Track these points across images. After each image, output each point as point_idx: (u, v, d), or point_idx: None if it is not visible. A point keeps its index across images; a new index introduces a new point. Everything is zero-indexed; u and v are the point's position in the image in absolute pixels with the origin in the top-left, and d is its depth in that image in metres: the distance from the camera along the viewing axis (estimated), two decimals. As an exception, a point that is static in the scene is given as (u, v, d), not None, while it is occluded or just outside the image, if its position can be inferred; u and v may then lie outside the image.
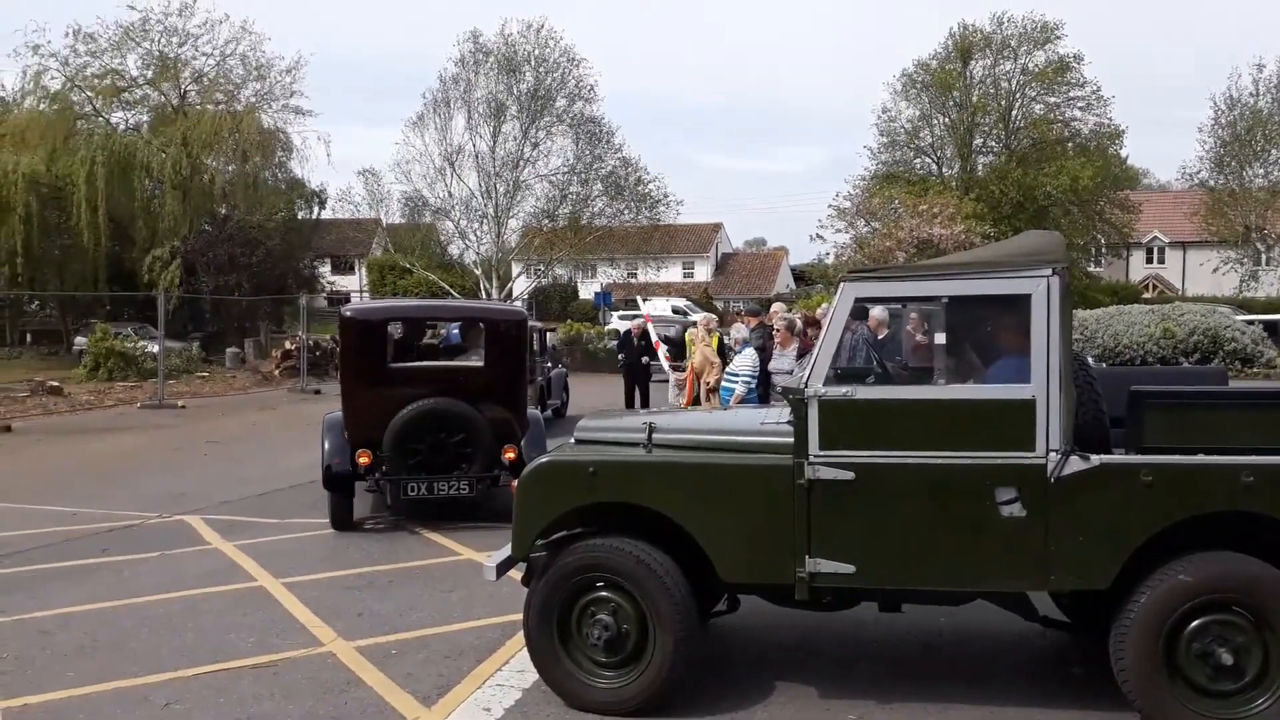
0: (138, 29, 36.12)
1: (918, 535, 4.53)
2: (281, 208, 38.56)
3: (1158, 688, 4.35)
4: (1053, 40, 42.00)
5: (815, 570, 4.60)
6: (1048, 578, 4.45)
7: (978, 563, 4.52)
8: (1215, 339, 26.68)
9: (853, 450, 4.54)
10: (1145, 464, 4.37)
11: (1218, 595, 4.30)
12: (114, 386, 24.11)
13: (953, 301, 4.73)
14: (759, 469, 4.72)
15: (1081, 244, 44.37)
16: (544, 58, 37.06)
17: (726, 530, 4.71)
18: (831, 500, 4.54)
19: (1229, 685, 4.34)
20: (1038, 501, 4.36)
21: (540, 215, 38.51)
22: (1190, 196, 46.10)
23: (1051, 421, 4.36)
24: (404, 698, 5.09)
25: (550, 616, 4.86)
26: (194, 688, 5.28)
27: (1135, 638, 4.35)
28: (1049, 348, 4.37)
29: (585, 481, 4.85)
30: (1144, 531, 4.34)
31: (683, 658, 4.71)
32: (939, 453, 4.47)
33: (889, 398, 4.74)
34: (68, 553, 8.30)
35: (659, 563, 4.71)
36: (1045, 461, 4.36)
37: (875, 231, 32.21)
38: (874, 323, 11.53)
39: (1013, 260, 4.64)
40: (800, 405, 4.59)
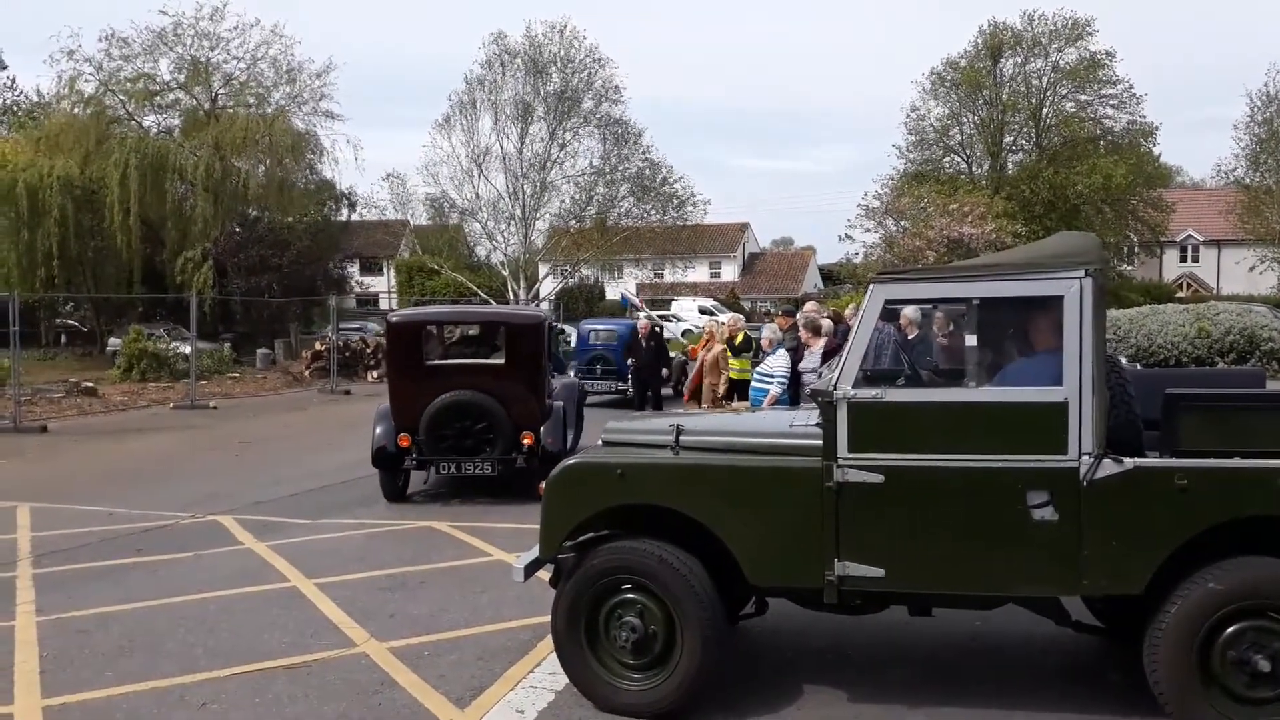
0: (170, 33, 36.50)
1: (948, 539, 4.49)
2: (311, 210, 38.84)
3: (1192, 696, 4.28)
4: (1084, 37, 41.61)
5: (844, 574, 4.57)
6: (1080, 582, 4.40)
7: (1009, 567, 4.47)
8: (1252, 339, 26.31)
9: (882, 453, 4.51)
10: (1180, 467, 4.30)
11: (1253, 601, 4.23)
12: (147, 387, 24.36)
13: (984, 303, 4.66)
14: (787, 471, 4.69)
15: (1114, 243, 43.89)
16: (570, 58, 37.12)
17: (754, 533, 4.69)
18: (861, 503, 4.52)
19: (1267, 693, 4.24)
20: (1070, 505, 4.32)
21: (567, 216, 38.57)
22: (1225, 194, 45.48)
23: (1084, 424, 4.31)
24: (437, 699, 5.11)
25: (578, 618, 4.87)
26: (230, 688, 5.33)
27: (1169, 645, 4.28)
28: (1082, 350, 4.32)
29: (613, 483, 4.86)
30: (1178, 536, 4.28)
31: (710, 660, 4.70)
32: (970, 456, 4.43)
33: (919, 400, 4.69)
34: (104, 553, 8.40)
35: (685, 565, 4.70)
36: (1078, 465, 4.31)
37: (905, 231, 31.97)
38: (904, 322, 11.44)
39: (1046, 262, 4.60)
40: (829, 408, 4.57)
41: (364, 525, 9.32)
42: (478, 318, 13.52)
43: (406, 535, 8.97)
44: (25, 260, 32.93)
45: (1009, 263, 4.88)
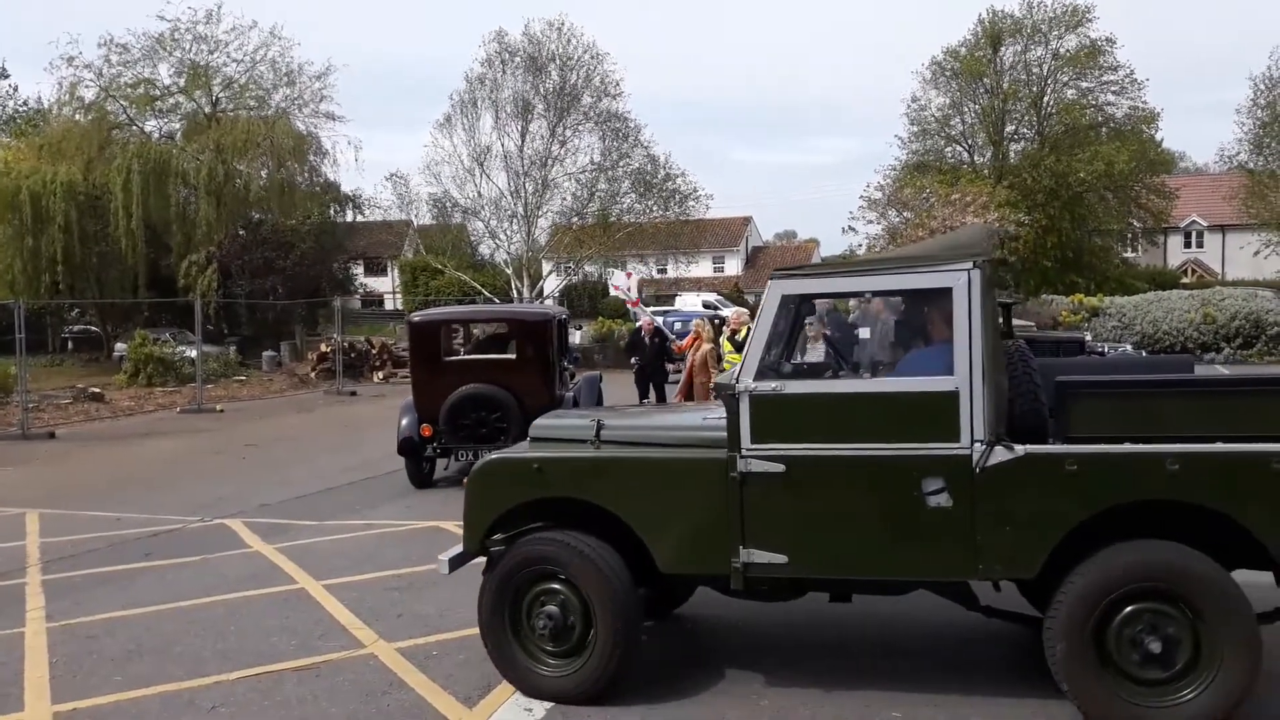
0: (168, 38, 36.58)
1: (847, 526, 4.62)
2: (314, 211, 38.89)
3: (1088, 676, 4.35)
4: (1084, 24, 41.38)
5: (749, 561, 4.70)
6: (975, 567, 4.49)
7: (906, 552, 4.57)
8: (1257, 323, 26.27)
9: (783, 443, 4.63)
10: (1069, 453, 4.37)
11: (1147, 584, 4.29)
12: (153, 392, 24.42)
13: (888, 293, 4.78)
14: (694, 463, 4.83)
15: (1118, 230, 43.76)
16: (569, 55, 37.08)
17: (665, 523, 4.84)
18: (763, 492, 4.64)
19: (1159, 674, 4.31)
20: (964, 491, 4.41)
21: (569, 213, 38.55)
22: (1229, 179, 45.32)
23: (975, 412, 4.40)
24: (446, 699, 5.12)
25: (502, 608, 5.03)
26: (239, 691, 5.34)
27: (1065, 626, 4.35)
28: (971, 340, 4.42)
29: (530, 478, 5.05)
30: (1070, 521, 4.34)
31: (624, 648, 4.84)
32: (867, 444, 4.54)
33: (817, 391, 4.77)
34: (112, 558, 8.42)
35: (601, 555, 4.85)
36: (970, 452, 4.40)
37: (908, 221, 31.89)
38: None
39: (935, 255, 4.73)
40: (732, 400, 4.69)
41: (371, 526, 9.34)
42: (491, 316, 14.53)
43: (414, 536, 8.98)
44: (30, 267, 33.05)
45: (901, 256, 5.00)
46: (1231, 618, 4.23)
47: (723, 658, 5.56)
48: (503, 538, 5.12)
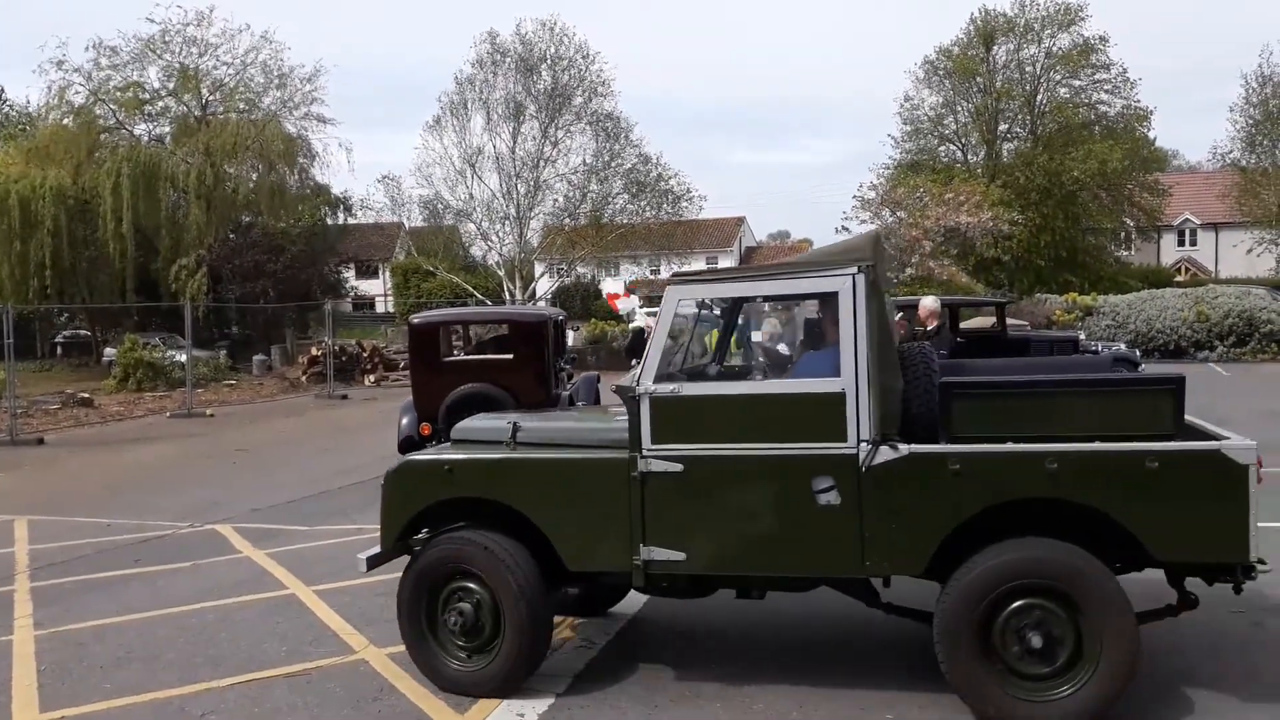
0: (158, 41, 36.48)
1: (742, 523, 4.73)
2: (305, 214, 38.79)
3: (973, 670, 4.44)
4: (1076, 22, 41.50)
5: (649, 558, 4.84)
6: (863, 564, 4.59)
7: (799, 549, 4.68)
8: (1251, 321, 26.31)
9: (682, 443, 4.77)
10: (952, 453, 4.48)
11: (1029, 580, 4.37)
12: (143, 396, 24.33)
13: (779, 297, 4.90)
14: (598, 463, 4.96)
15: (1111, 228, 43.83)
16: (560, 55, 37.00)
17: (570, 521, 4.99)
18: (663, 491, 4.79)
19: (1042, 669, 4.40)
20: (851, 490, 4.53)
21: (561, 214, 38.47)
22: (1222, 177, 45.44)
23: (861, 413, 4.53)
24: (438, 705, 5.07)
25: (418, 604, 5.20)
26: (229, 698, 5.28)
27: (950, 621, 4.45)
28: (857, 342, 4.55)
29: (442, 479, 5.20)
30: (953, 518, 4.44)
31: (529, 644, 5.00)
32: (760, 445, 4.67)
33: (712, 393, 4.90)
34: (101, 564, 8.34)
35: (509, 554, 4.99)
36: (857, 451, 4.53)
37: (901, 221, 31.88)
38: (925, 312, 11.47)
39: (822, 260, 4.88)
40: (633, 402, 4.83)
41: (363, 531, 9.24)
42: (490, 317, 14.98)
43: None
44: (18, 271, 32.91)
45: (792, 262, 5.17)
46: (1110, 615, 4.31)
47: (716, 660, 5.51)
48: (424, 536, 5.30)
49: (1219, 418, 15.55)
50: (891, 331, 4.93)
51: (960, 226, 30.40)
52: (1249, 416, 15.05)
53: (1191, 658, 5.38)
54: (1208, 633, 5.71)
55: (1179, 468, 4.27)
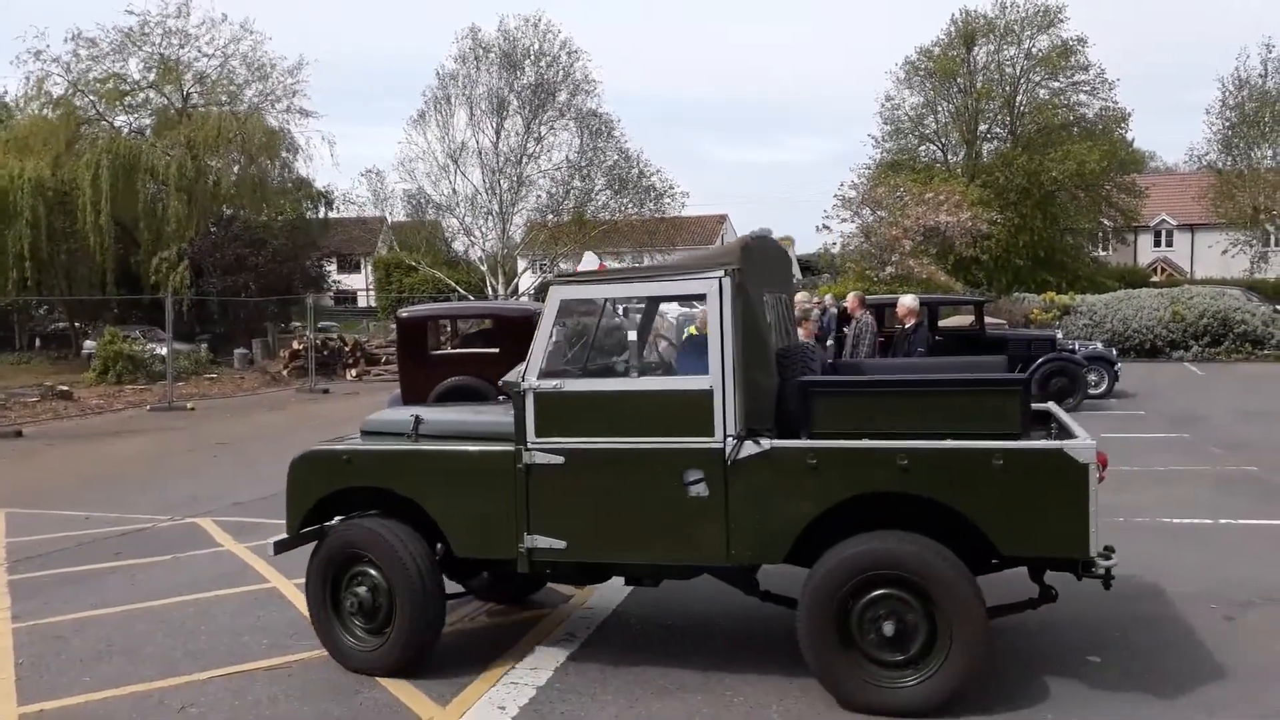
0: (138, 32, 36.18)
1: (619, 513, 4.95)
2: (287, 208, 38.58)
3: (831, 657, 4.67)
4: (1055, 24, 41.79)
5: (533, 546, 5.07)
6: (729, 553, 4.81)
7: (671, 539, 4.90)
8: (1225, 321, 26.59)
9: (563, 437, 5.00)
10: (810, 448, 4.70)
11: (884, 571, 4.56)
12: (123, 389, 24.16)
13: (651, 299, 5.13)
14: (485, 455, 5.20)
15: (1089, 228, 44.16)
16: (544, 51, 36.96)
17: (459, 510, 5.24)
18: (545, 482, 5.02)
19: (896, 656, 4.60)
20: (718, 482, 4.74)
21: (544, 210, 38.43)
22: (1198, 179, 45.83)
23: (728, 409, 4.73)
24: (418, 697, 5.09)
25: (324, 587, 5.48)
26: (209, 691, 5.29)
27: (810, 608, 4.67)
28: (723, 341, 4.75)
29: (341, 468, 5.49)
30: (811, 511, 4.66)
31: (420, 626, 5.22)
32: (636, 438, 4.89)
33: (591, 390, 5.09)
34: (81, 557, 8.31)
35: (404, 541, 5.25)
36: (723, 446, 4.74)
37: (882, 220, 32.00)
38: (903, 310, 11.59)
39: (693, 264, 5.20)
40: (518, 397, 5.08)
41: (344, 524, 9.26)
42: (477, 312, 15.23)
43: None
44: (-4, 263, 32.58)
45: (666, 265, 5.49)
46: (960, 607, 4.48)
47: (698, 652, 5.56)
48: (337, 522, 5.59)
49: (1195, 417, 15.79)
50: (763, 332, 5.14)
51: (940, 226, 30.55)
52: (1225, 416, 15.24)
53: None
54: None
55: (1022, 465, 4.43)
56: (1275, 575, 6.82)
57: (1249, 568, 7.04)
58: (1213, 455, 11.78)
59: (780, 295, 5.96)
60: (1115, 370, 17.53)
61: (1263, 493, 9.61)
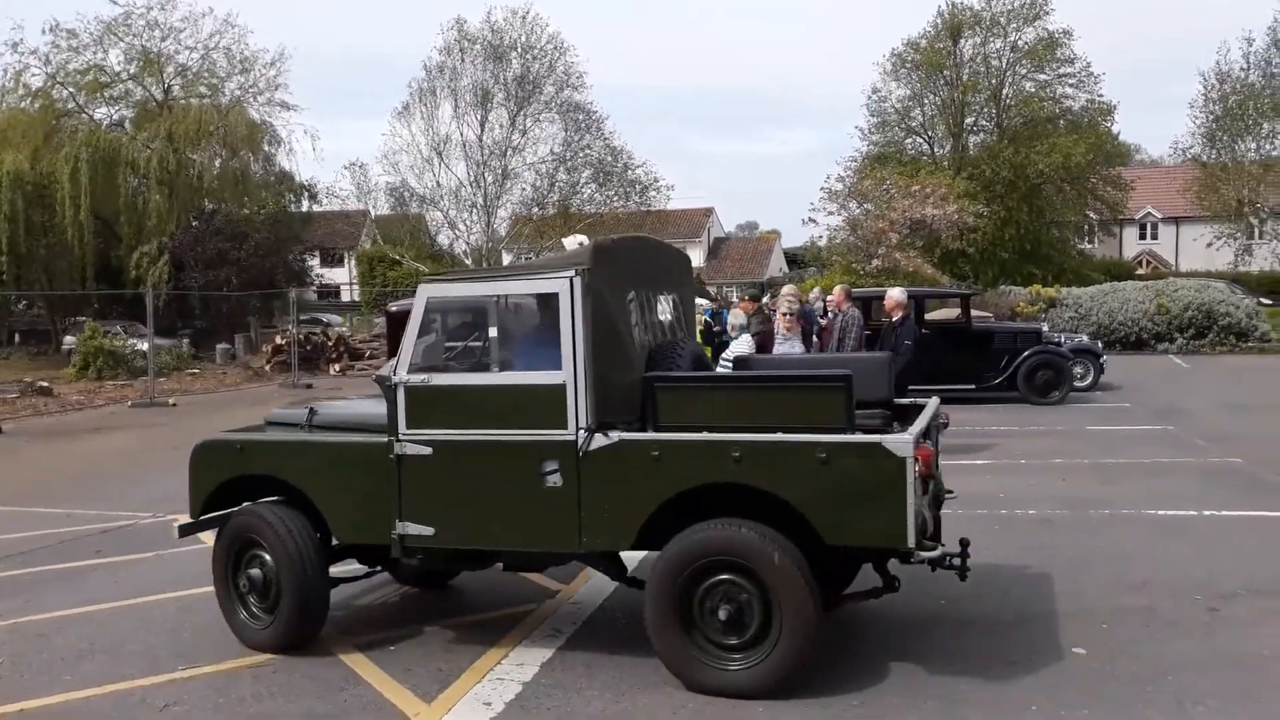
0: (119, 24, 35.87)
1: (483, 502, 5.19)
2: (269, 201, 38.36)
3: (674, 640, 4.88)
4: (1041, 16, 41.87)
5: (404, 532, 5.33)
6: (581, 540, 5.03)
7: (531, 526, 5.13)
8: (1209, 314, 26.71)
9: (431, 429, 5.26)
10: (653, 440, 4.93)
11: (721, 557, 4.75)
12: (104, 385, 23.99)
13: (505, 299, 5.39)
14: (362, 446, 5.49)
15: (1074, 221, 44.32)
16: (531, 44, 36.85)
17: (338, 497, 5.55)
18: (415, 472, 5.28)
19: (732, 640, 4.81)
20: (571, 473, 4.98)
21: (529, 203, 38.35)
22: (1183, 172, 46.01)
23: (580, 403, 4.96)
24: (404, 693, 5.05)
25: (225, 569, 5.81)
26: (193, 688, 5.24)
27: (654, 592, 4.88)
28: (575, 339, 4.97)
29: (234, 457, 5.84)
30: (654, 500, 4.87)
31: (302, 607, 5.53)
32: (497, 431, 5.15)
33: (456, 384, 5.34)
34: (62, 555, 8.24)
35: (287, 525, 5.56)
36: (576, 438, 4.97)
37: (868, 213, 32.02)
38: (890, 303, 11.62)
39: (548, 265, 5.45)
40: (390, 391, 5.32)
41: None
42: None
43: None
44: (-26, 258, 32.28)
45: (525, 265, 5.76)
46: (789, 593, 4.65)
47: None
48: (244, 508, 5.84)
49: (1180, 410, 15.88)
50: (621, 329, 5.30)
51: (926, 219, 30.59)
52: (1209, 408, 15.32)
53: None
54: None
55: (844, 458, 4.60)
56: (1259, 567, 6.84)
57: (1233, 559, 7.07)
58: (1197, 447, 11.83)
59: (666, 295, 6.14)
60: (1101, 363, 17.59)
61: (1247, 485, 9.66)
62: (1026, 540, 7.70)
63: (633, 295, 5.55)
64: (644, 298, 5.72)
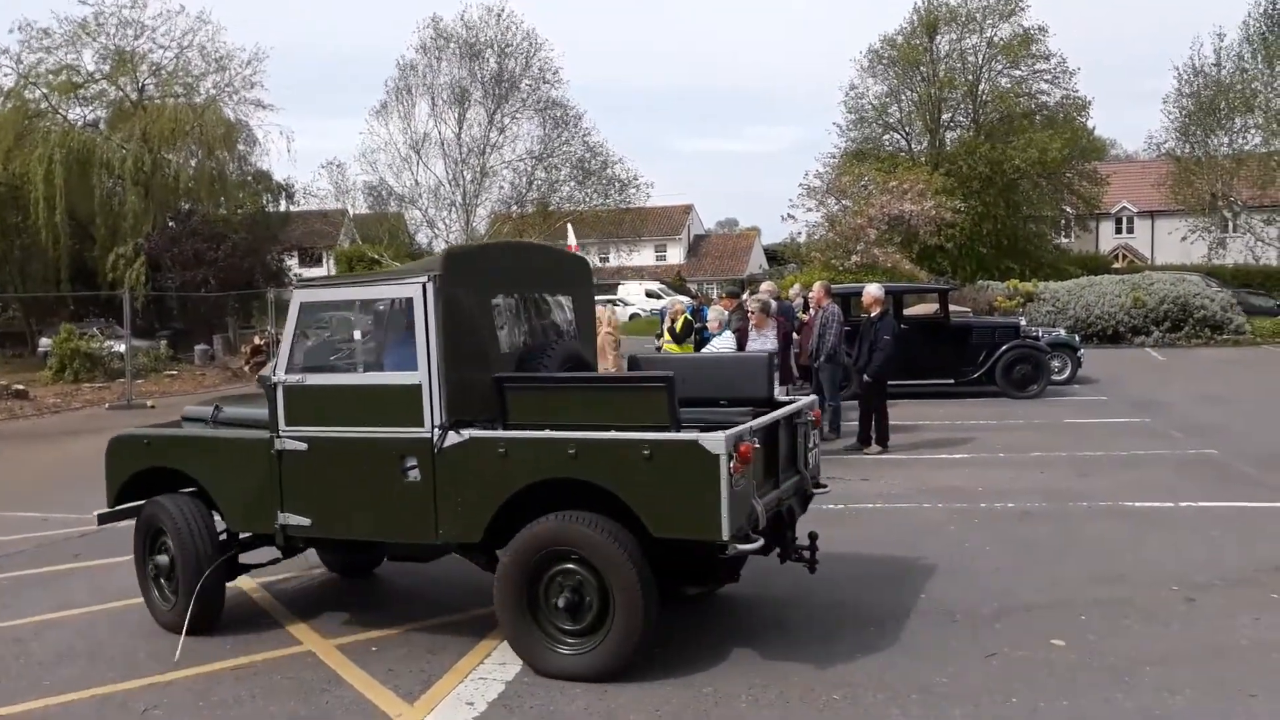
0: (91, 22, 35.53)
1: (352, 495, 5.50)
2: (246, 201, 38.10)
3: (521, 625, 5.15)
4: (1016, 12, 42.07)
5: (285, 522, 5.67)
6: (438, 532, 5.32)
7: (395, 519, 5.44)
8: (1185, 307, 26.94)
9: (306, 426, 5.59)
10: (500, 438, 5.20)
11: (559, 548, 5.02)
12: (81, 388, 23.79)
13: (368, 303, 5.75)
14: (250, 441, 5.82)
15: (1051, 216, 44.60)
16: (507, 41, 36.76)
17: (230, 489, 5.92)
18: (293, 466, 5.62)
19: (572, 625, 5.07)
20: (428, 468, 5.26)
21: (509, 201, 38.28)
22: (1157, 166, 46.39)
23: (434, 402, 5.24)
24: (386, 694, 5.04)
25: (142, 555, 6.25)
26: (173, 692, 5.21)
27: (502, 582, 5.15)
28: (429, 341, 5.23)
29: (142, 450, 6.26)
30: (502, 494, 5.12)
31: (196, 593, 5.86)
32: (364, 428, 5.44)
33: (328, 384, 5.65)
34: (40, 559, 8.18)
35: (185, 515, 5.98)
36: (431, 435, 5.24)
37: (846, 210, 32.10)
38: (869, 299, 11.69)
39: (405, 271, 5.77)
40: (271, 390, 5.67)
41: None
42: None
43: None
44: (-53, 260, 31.92)
45: (386, 271, 6.10)
46: (623, 582, 4.88)
47: (666, 643, 5.52)
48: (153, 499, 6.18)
49: (1156, 402, 16.00)
50: (479, 331, 5.55)
51: (904, 214, 30.67)
52: (1185, 401, 15.45)
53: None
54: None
55: (665, 455, 4.82)
56: (1234, 557, 6.92)
57: (1208, 550, 7.14)
58: (1174, 439, 11.95)
59: (557, 297, 6.36)
60: (1078, 356, 17.71)
61: (1221, 476, 9.76)
62: (1005, 533, 7.76)
63: (502, 299, 5.83)
64: (521, 301, 6.01)
